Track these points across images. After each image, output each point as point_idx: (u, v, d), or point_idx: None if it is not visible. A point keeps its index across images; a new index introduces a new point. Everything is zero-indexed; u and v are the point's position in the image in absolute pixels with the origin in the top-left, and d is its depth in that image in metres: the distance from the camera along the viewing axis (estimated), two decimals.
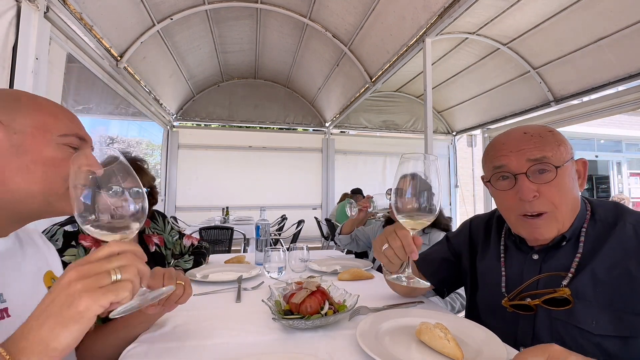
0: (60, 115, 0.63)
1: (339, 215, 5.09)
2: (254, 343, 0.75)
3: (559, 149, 0.73)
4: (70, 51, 2.53)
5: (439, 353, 0.67)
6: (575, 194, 0.75)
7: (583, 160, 0.78)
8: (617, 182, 10.26)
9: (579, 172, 0.77)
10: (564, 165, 0.72)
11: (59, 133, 0.61)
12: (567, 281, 0.71)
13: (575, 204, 0.75)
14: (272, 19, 4.17)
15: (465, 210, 7.18)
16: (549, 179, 0.72)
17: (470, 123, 6.29)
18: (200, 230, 3.44)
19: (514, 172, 0.75)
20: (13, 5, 1.82)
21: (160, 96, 4.80)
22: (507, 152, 0.76)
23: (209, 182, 5.92)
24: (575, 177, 0.76)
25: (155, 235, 1.37)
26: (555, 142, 0.74)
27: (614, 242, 0.70)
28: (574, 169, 0.76)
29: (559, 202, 0.72)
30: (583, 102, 4.17)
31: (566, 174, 0.73)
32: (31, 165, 0.57)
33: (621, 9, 3.12)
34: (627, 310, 0.65)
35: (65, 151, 0.62)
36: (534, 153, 0.73)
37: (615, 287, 0.67)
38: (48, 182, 0.59)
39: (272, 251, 1.30)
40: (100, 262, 0.44)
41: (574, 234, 0.75)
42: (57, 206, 0.61)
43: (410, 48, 3.25)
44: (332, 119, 6.07)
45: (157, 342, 0.75)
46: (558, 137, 0.76)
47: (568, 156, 0.74)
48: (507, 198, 0.78)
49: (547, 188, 0.72)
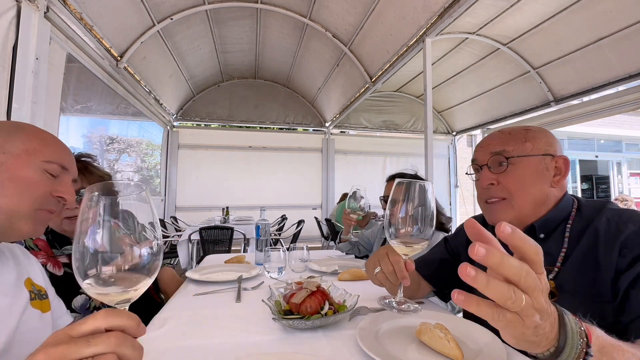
0: (52, 144, 0.68)
1: (339, 215, 5.09)
2: (254, 343, 0.75)
3: (524, 144, 0.80)
4: (70, 51, 2.53)
5: (439, 353, 0.67)
6: (540, 187, 0.79)
7: (564, 158, 0.81)
8: (617, 182, 10.26)
9: (559, 168, 0.80)
10: (522, 158, 0.79)
11: (43, 159, 0.65)
12: (553, 275, 0.75)
13: (540, 196, 0.79)
14: (272, 19, 4.17)
15: (465, 210, 7.17)
16: (504, 169, 0.81)
17: (470, 123, 6.29)
18: (200, 230, 3.44)
19: (479, 164, 0.86)
20: (13, 5, 1.82)
21: (160, 96, 4.80)
22: (479, 148, 0.87)
23: (209, 182, 5.92)
24: (545, 172, 0.79)
25: (126, 237, 1.29)
26: (522, 139, 0.81)
27: (590, 234, 0.74)
28: (547, 165, 0.79)
29: (514, 190, 0.79)
30: (583, 102, 4.17)
31: (527, 166, 0.79)
32: (6, 181, 0.61)
33: (621, 9, 3.12)
34: (594, 298, 0.69)
35: (43, 175, 0.65)
36: (496, 147, 0.82)
37: (586, 276, 0.71)
38: (17, 199, 0.62)
39: (272, 251, 1.30)
40: (77, 345, 0.35)
41: (548, 227, 0.79)
42: (16, 225, 0.62)
43: (410, 48, 3.25)
44: (332, 119, 6.07)
45: (157, 342, 0.75)
46: (530, 134, 0.81)
47: (536, 151, 0.79)
48: (477, 187, 0.88)
49: (504, 177, 0.80)
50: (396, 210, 0.65)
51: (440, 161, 6.83)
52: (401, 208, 0.65)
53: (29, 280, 0.71)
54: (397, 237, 0.66)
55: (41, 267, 0.78)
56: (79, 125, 4.15)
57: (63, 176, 0.69)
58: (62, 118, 2.72)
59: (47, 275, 0.99)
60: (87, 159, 1.16)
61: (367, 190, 1.67)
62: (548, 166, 0.79)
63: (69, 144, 0.75)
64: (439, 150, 6.77)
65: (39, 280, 0.75)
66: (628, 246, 0.68)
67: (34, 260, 0.77)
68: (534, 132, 0.82)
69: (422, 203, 0.64)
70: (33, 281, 0.73)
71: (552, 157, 0.79)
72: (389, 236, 0.68)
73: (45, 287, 0.76)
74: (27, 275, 0.72)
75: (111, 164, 5.49)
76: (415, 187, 0.65)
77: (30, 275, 0.73)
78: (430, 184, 0.66)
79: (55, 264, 1.02)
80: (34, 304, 0.68)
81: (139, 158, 5.67)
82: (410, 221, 0.65)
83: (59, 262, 1.03)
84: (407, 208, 0.65)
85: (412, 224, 0.64)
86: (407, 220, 0.64)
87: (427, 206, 0.64)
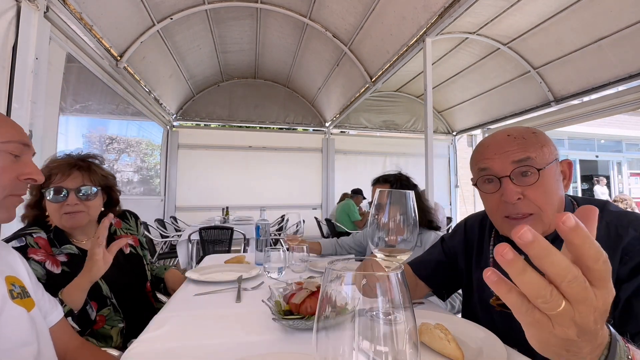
0: (4, 123, 0.65)
1: (338, 215, 5.09)
2: (254, 343, 0.75)
3: (542, 150, 0.74)
4: (70, 51, 2.53)
5: (439, 354, 0.67)
6: (560, 194, 0.75)
7: (568, 162, 0.79)
8: (617, 182, 10.26)
9: (564, 172, 0.78)
10: (548, 167, 0.73)
11: (2, 140, 0.63)
12: None
13: (560, 204, 0.76)
14: (272, 19, 4.17)
15: (465, 210, 7.17)
16: (532, 181, 0.72)
17: (470, 123, 6.29)
18: (200, 230, 3.44)
19: (498, 175, 0.76)
20: (13, 5, 1.82)
21: (160, 96, 4.80)
22: (492, 155, 0.77)
23: (209, 182, 5.92)
24: (559, 178, 0.76)
25: (128, 236, 1.29)
26: (539, 144, 0.74)
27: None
28: (559, 169, 0.76)
29: (543, 203, 0.73)
30: (583, 102, 4.17)
31: (550, 175, 0.73)
32: None
33: (621, 9, 3.12)
34: None
35: (7, 159, 0.64)
36: (517, 154, 0.74)
37: None
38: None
39: (272, 251, 1.30)
40: None
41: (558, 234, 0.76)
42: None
43: (410, 48, 3.25)
44: (332, 119, 6.07)
45: (157, 342, 0.75)
46: (541, 138, 0.76)
47: (552, 157, 0.74)
48: (492, 200, 0.79)
49: (532, 190, 0.72)
50: (379, 219, 0.62)
51: (440, 161, 6.83)
52: (382, 217, 0.61)
53: (9, 278, 0.69)
54: (378, 246, 0.62)
55: (27, 267, 0.76)
56: (78, 125, 4.14)
57: (24, 156, 0.68)
58: (61, 118, 2.71)
59: (44, 273, 0.99)
60: (94, 160, 1.16)
61: (368, 190, 1.67)
62: (557, 172, 0.76)
63: (69, 144, 0.76)
64: (439, 150, 6.77)
65: (24, 278, 0.73)
66: (629, 253, 0.67)
67: (19, 259, 0.75)
68: (541, 135, 0.77)
69: (404, 211, 0.61)
70: (17, 278, 0.71)
71: (557, 161, 0.76)
72: (373, 246, 0.63)
73: (32, 285, 0.75)
74: (9, 272, 0.70)
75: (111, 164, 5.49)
76: (396, 195, 0.61)
77: (15, 273, 0.72)
78: (411, 192, 0.62)
79: (54, 262, 1.03)
80: (17, 301, 0.67)
81: (138, 158, 5.66)
82: (392, 231, 0.60)
83: (58, 261, 1.04)
84: (388, 217, 0.61)
85: (396, 234, 0.60)
86: (388, 229, 0.61)
87: (408, 215, 0.60)
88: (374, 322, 0.31)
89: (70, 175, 1.05)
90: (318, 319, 0.33)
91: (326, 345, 0.32)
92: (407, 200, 0.61)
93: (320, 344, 0.33)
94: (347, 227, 4.82)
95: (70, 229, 1.09)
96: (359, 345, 0.31)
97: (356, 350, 0.31)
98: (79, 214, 1.06)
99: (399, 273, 0.32)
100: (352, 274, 0.32)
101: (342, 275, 0.33)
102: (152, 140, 5.79)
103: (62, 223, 1.05)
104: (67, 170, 1.05)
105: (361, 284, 0.32)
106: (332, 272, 0.33)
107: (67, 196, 1.03)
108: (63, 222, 1.05)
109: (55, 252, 1.05)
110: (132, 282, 1.24)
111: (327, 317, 0.32)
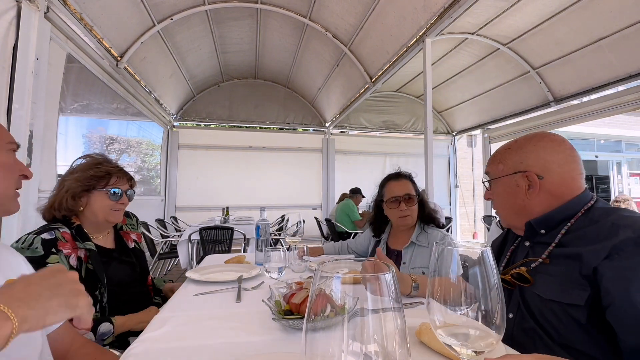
0: (1, 127, 0.73)
1: (338, 215, 5.09)
2: (254, 343, 0.75)
3: (497, 166, 0.91)
4: (70, 51, 2.53)
5: (439, 354, 0.67)
6: (513, 202, 0.88)
7: (535, 172, 0.85)
8: (617, 182, 10.25)
9: (532, 182, 0.84)
10: (496, 180, 0.91)
11: (6, 141, 0.71)
12: (536, 264, 0.81)
13: (519, 208, 0.87)
14: (272, 19, 4.17)
15: (465, 210, 7.18)
16: (490, 189, 0.95)
17: (470, 123, 6.29)
18: (201, 230, 3.44)
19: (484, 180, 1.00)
20: (13, 5, 1.82)
21: (160, 96, 4.80)
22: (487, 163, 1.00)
23: (209, 182, 5.92)
24: (516, 188, 0.86)
25: (132, 232, 1.43)
26: (497, 161, 0.92)
27: (585, 233, 0.75)
28: (517, 181, 0.86)
29: (496, 206, 0.95)
30: (583, 102, 4.17)
31: (501, 185, 0.90)
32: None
33: (621, 9, 3.12)
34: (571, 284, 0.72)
35: (12, 156, 0.72)
36: (486, 168, 0.97)
37: (566, 265, 0.74)
38: (6, 183, 0.68)
39: (272, 251, 1.30)
40: None
41: (549, 224, 0.83)
42: (7, 207, 0.70)
43: (410, 48, 3.25)
44: (332, 119, 6.07)
45: (157, 342, 0.75)
46: (506, 154, 0.90)
47: (506, 172, 0.88)
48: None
49: (492, 195, 0.95)
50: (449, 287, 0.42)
51: (440, 161, 6.83)
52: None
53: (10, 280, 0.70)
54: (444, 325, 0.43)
55: (31, 270, 0.77)
56: (78, 125, 4.13)
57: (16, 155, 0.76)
58: (61, 118, 2.71)
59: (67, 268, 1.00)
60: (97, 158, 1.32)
61: (368, 191, 1.67)
62: (519, 182, 0.86)
63: (69, 144, 0.79)
64: (439, 150, 6.77)
65: None
66: (621, 253, 0.66)
67: (22, 262, 0.77)
68: (511, 151, 0.90)
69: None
70: None
71: (522, 172, 0.85)
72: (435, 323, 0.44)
73: None
74: (10, 274, 0.70)
75: None
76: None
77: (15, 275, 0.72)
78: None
79: (78, 256, 1.13)
80: None
81: (139, 158, 5.66)
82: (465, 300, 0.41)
83: (81, 256, 1.14)
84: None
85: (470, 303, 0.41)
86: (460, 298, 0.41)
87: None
88: (363, 322, 0.31)
89: (124, 178, 1.28)
90: (307, 320, 0.33)
91: (315, 346, 0.32)
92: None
93: (309, 345, 0.32)
94: (347, 227, 4.82)
95: (112, 223, 1.28)
96: (348, 347, 0.31)
97: (345, 352, 0.31)
98: (122, 211, 1.27)
99: (389, 274, 0.32)
100: (340, 276, 0.32)
101: (330, 276, 0.33)
102: (152, 141, 5.78)
103: (108, 218, 1.22)
104: (122, 175, 1.27)
105: (351, 285, 0.32)
106: (321, 273, 0.33)
107: (121, 196, 1.25)
108: (110, 217, 1.22)
109: (79, 246, 1.15)
110: (136, 274, 1.32)
111: (317, 318, 0.32)
